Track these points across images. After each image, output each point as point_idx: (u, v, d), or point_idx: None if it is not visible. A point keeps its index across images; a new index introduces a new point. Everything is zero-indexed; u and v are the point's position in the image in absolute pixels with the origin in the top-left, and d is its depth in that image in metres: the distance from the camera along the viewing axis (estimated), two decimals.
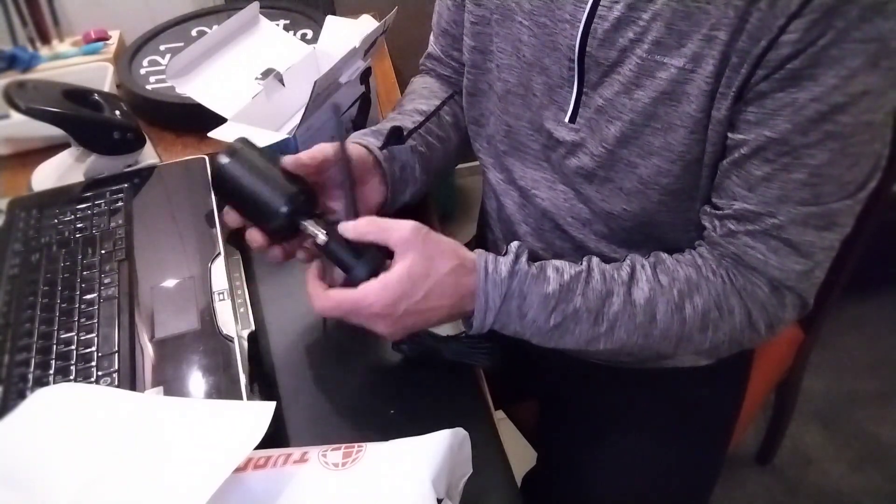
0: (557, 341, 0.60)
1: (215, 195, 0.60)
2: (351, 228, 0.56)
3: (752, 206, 0.56)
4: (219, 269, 0.70)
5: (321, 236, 0.57)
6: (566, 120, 0.64)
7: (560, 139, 0.66)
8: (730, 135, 0.56)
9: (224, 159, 0.58)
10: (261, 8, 0.89)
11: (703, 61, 0.54)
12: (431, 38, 0.83)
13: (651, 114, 0.58)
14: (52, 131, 0.81)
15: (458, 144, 0.80)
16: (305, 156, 0.60)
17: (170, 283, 0.69)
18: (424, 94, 0.79)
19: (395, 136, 0.71)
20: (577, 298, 0.58)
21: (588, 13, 0.58)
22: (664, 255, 0.62)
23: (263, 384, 0.63)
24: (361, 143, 0.67)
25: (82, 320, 0.65)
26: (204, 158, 0.85)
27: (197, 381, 0.60)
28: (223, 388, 0.59)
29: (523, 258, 0.59)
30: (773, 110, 0.52)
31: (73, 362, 0.62)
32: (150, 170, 0.85)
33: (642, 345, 0.60)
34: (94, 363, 0.61)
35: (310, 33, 1.10)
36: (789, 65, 0.50)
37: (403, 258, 0.55)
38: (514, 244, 0.60)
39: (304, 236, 0.59)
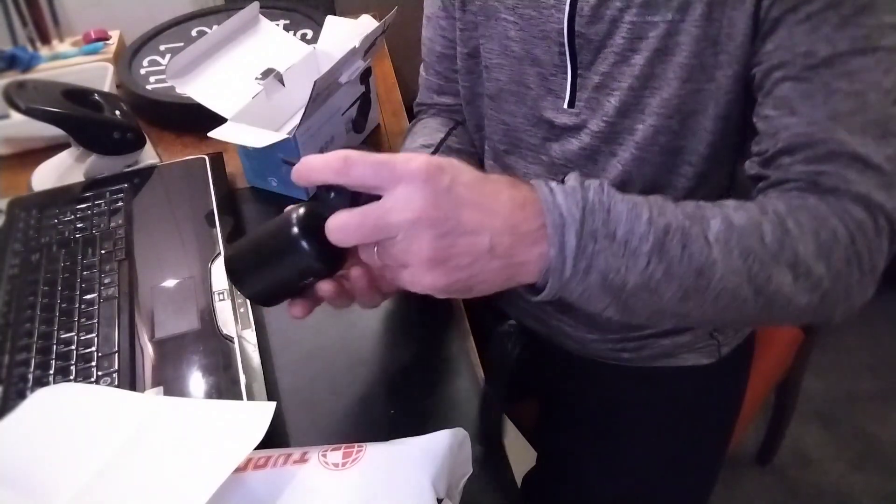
0: (660, 285, 0.45)
1: (258, 300, 0.53)
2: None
3: (802, 128, 0.51)
4: (219, 269, 0.70)
5: None
6: (565, 106, 0.65)
7: (562, 126, 0.66)
8: (756, 70, 0.54)
9: (229, 264, 0.52)
10: (261, 8, 0.89)
11: (690, 8, 0.54)
12: (423, 73, 0.82)
13: (647, 74, 0.58)
14: (52, 131, 0.81)
15: None
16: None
17: (170, 283, 0.69)
18: (425, 132, 0.79)
19: None
20: (674, 210, 0.46)
21: None
22: None
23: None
24: None
25: (82, 320, 0.65)
26: (204, 158, 0.85)
27: (197, 381, 0.60)
28: (223, 388, 0.59)
29: (584, 178, 0.46)
30: (791, 31, 0.51)
31: (73, 362, 0.62)
32: (150, 170, 0.85)
33: (760, 280, 0.47)
34: (94, 363, 0.61)
35: (310, 33, 1.10)
36: None
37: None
38: (571, 174, 0.47)
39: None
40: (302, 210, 0.48)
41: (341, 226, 0.43)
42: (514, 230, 0.42)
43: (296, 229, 0.47)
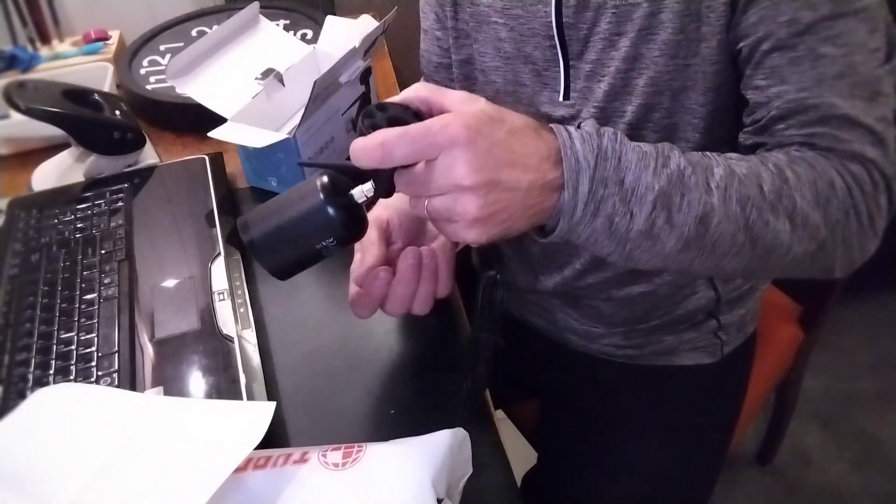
0: (661, 233, 0.47)
1: (277, 272, 0.51)
2: (404, 92, 0.48)
3: (793, 95, 0.53)
4: (219, 269, 0.70)
5: (369, 187, 0.48)
6: (560, 99, 0.66)
7: (559, 119, 0.67)
8: (742, 44, 0.55)
9: (248, 234, 0.49)
10: (261, 8, 0.89)
11: None
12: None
13: (633, 56, 0.59)
14: (52, 131, 0.81)
15: None
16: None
17: (170, 283, 0.69)
18: None
19: None
20: (678, 159, 0.48)
21: None
22: None
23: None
24: None
25: (82, 320, 0.65)
26: (204, 158, 0.85)
27: (197, 381, 0.60)
28: (223, 388, 0.59)
29: (599, 125, 0.49)
30: (772, 0, 0.52)
31: (73, 362, 0.62)
32: (150, 170, 0.85)
33: (757, 228, 0.49)
34: (94, 363, 0.61)
35: (310, 33, 1.10)
36: None
37: (471, 105, 0.45)
38: (588, 120, 0.50)
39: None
40: (325, 178, 0.48)
41: (389, 140, 0.43)
42: (542, 181, 0.45)
43: (322, 195, 0.47)
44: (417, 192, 0.45)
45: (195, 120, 0.84)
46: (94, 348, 0.63)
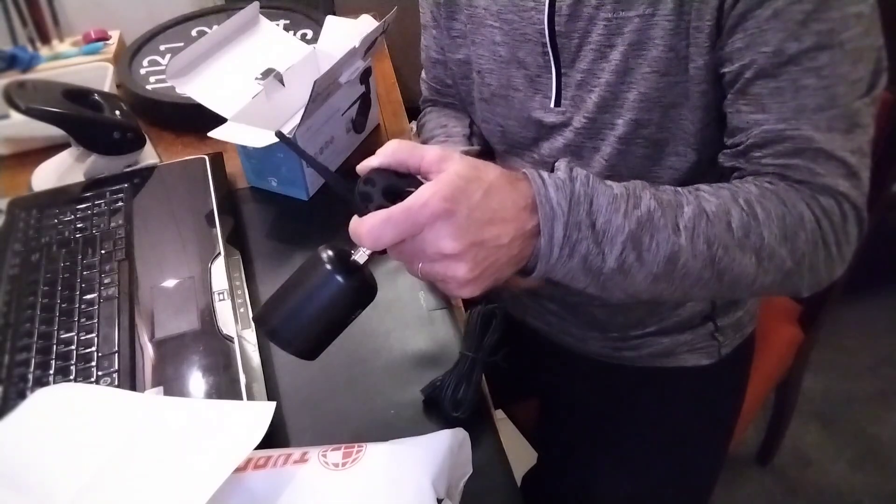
0: (632, 269, 0.50)
1: (304, 353, 0.51)
2: (380, 154, 0.48)
3: (772, 124, 0.54)
4: (219, 269, 0.70)
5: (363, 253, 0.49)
6: (552, 105, 0.66)
7: (550, 125, 0.67)
8: (726, 69, 0.55)
9: (267, 325, 0.49)
10: (261, 8, 0.89)
11: (661, 3, 0.55)
12: (424, 76, 0.84)
13: (623, 69, 0.59)
14: (52, 131, 0.81)
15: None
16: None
17: (170, 283, 0.69)
18: (453, 121, 0.80)
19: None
20: (648, 201, 0.50)
21: None
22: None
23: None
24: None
25: (82, 320, 0.65)
26: (204, 158, 0.85)
27: (197, 381, 0.60)
28: (223, 388, 0.59)
29: (573, 166, 0.50)
30: (758, 27, 0.52)
31: (73, 362, 0.62)
32: (150, 170, 0.85)
33: (723, 264, 0.51)
34: (94, 363, 0.61)
35: (310, 33, 1.10)
36: None
37: (446, 167, 0.46)
38: (561, 161, 0.52)
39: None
40: (329, 251, 0.49)
41: (375, 225, 0.45)
42: (522, 231, 0.47)
43: (329, 267, 0.47)
44: (409, 260, 0.48)
45: (195, 120, 0.84)
46: (94, 348, 0.63)
